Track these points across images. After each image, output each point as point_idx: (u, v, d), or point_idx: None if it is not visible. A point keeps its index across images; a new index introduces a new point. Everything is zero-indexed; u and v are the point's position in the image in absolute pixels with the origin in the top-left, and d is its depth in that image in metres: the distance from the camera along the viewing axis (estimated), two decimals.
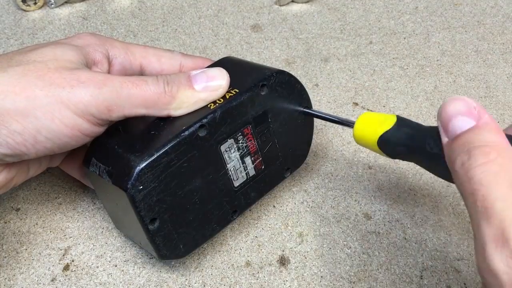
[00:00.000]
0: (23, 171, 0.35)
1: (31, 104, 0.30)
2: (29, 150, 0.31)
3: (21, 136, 0.30)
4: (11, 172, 0.33)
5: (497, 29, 0.59)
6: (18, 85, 0.30)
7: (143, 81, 0.32)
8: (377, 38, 0.58)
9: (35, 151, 0.31)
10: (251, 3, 0.62)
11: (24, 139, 0.30)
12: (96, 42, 0.35)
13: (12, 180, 0.34)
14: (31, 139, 0.30)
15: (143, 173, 0.30)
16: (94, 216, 0.40)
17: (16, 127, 0.30)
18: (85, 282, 0.36)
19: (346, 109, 0.49)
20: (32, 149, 0.31)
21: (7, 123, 0.30)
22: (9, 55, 0.32)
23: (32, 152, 0.31)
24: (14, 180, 0.34)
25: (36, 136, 0.30)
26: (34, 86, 0.30)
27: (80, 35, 0.36)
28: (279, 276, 0.37)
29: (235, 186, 0.35)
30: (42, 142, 0.31)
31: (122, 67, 0.37)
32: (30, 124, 0.30)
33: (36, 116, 0.30)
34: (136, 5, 0.61)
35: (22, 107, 0.30)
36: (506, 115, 0.49)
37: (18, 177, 0.34)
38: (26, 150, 0.31)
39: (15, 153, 0.31)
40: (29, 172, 0.36)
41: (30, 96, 0.30)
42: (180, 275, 0.37)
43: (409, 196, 0.42)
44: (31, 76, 0.30)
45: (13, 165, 0.33)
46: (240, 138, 0.35)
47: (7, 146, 0.30)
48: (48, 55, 0.32)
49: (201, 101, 0.33)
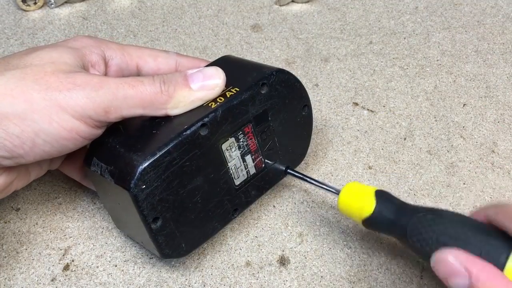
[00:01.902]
0: (24, 175, 0.35)
1: (29, 107, 0.30)
2: (27, 154, 0.31)
3: (19, 139, 0.30)
4: (11, 175, 0.33)
5: (497, 29, 0.59)
6: (15, 89, 0.30)
7: (139, 81, 0.32)
8: (377, 38, 0.58)
9: (33, 155, 0.31)
10: (251, 3, 0.62)
11: (22, 142, 0.30)
12: (92, 44, 0.36)
13: (12, 184, 0.34)
14: (29, 142, 0.30)
15: (145, 172, 0.30)
16: (94, 216, 0.40)
17: (14, 130, 0.30)
18: (85, 282, 0.36)
19: (346, 109, 0.49)
20: (30, 152, 0.31)
21: (5, 126, 0.30)
22: (6, 59, 0.32)
23: (30, 156, 0.31)
24: (14, 184, 0.34)
25: (34, 139, 0.30)
26: (32, 89, 0.30)
27: (76, 37, 0.36)
28: (279, 276, 0.37)
29: (236, 185, 0.36)
30: (40, 145, 0.31)
31: (118, 68, 0.37)
32: (28, 127, 0.30)
33: (34, 119, 0.30)
34: (136, 5, 0.61)
35: (20, 110, 0.30)
36: (506, 115, 0.49)
37: (19, 181, 0.35)
38: (24, 153, 0.31)
39: (12, 155, 0.31)
40: (30, 176, 0.36)
41: (28, 99, 0.30)
42: (180, 275, 0.37)
43: (409, 196, 0.42)
44: (28, 80, 0.30)
45: (12, 169, 0.33)
46: (241, 137, 0.35)
47: (4, 149, 0.30)
48: (44, 58, 0.32)
49: (198, 100, 0.33)
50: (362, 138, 0.47)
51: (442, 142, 0.46)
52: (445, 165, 0.44)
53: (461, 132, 0.47)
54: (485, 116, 0.49)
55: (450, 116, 0.49)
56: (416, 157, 0.45)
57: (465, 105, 0.50)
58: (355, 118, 0.48)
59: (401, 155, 0.45)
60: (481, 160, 0.45)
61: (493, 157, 0.45)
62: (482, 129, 0.48)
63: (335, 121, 0.48)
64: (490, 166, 0.44)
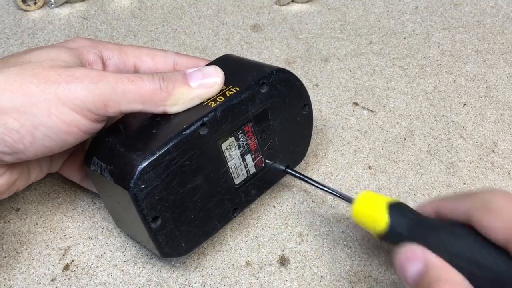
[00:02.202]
0: (25, 175, 0.35)
1: (27, 101, 0.30)
2: (27, 148, 0.31)
3: (18, 133, 0.30)
4: (13, 175, 0.34)
5: (497, 29, 0.59)
6: (14, 83, 0.30)
7: (139, 77, 0.32)
8: (377, 38, 0.58)
9: (33, 150, 0.31)
10: (251, 3, 0.62)
11: (22, 137, 0.30)
12: (89, 44, 0.36)
13: (15, 184, 0.34)
14: (28, 136, 0.30)
15: (145, 171, 0.30)
16: (94, 216, 0.40)
17: (13, 124, 0.30)
18: (85, 282, 0.36)
19: (346, 109, 0.49)
20: (30, 148, 0.31)
21: (4, 120, 0.30)
22: (5, 59, 0.33)
23: (31, 151, 0.31)
24: (16, 184, 0.34)
25: (33, 133, 0.30)
26: (30, 83, 0.30)
27: (74, 39, 0.37)
28: (279, 276, 0.37)
29: (235, 184, 0.36)
30: (40, 139, 0.31)
31: (116, 67, 0.37)
32: (27, 121, 0.30)
33: (32, 112, 0.30)
34: (136, 5, 0.61)
35: (18, 104, 0.30)
36: (506, 115, 0.49)
37: (20, 181, 0.35)
38: (24, 149, 0.31)
39: (13, 151, 0.31)
40: (31, 177, 0.36)
41: (26, 93, 0.30)
42: (180, 275, 0.37)
43: (409, 196, 0.42)
44: (26, 75, 0.30)
45: (14, 167, 0.33)
46: (240, 136, 0.35)
47: (4, 144, 0.30)
48: (43, 56, 0.32)
49: (196, 98, 0.34)
50: (362, 138, 0.47)
51: (442, 142, 0.46)
52: (445, 165, 0.44)
53: (461, 132, 0.47)
54: (485, 116, 0.49)
55: (450, 116, 0.49)
56: (416, 157, 0.45)
57: (465, 105, 0.50)
58: (355, 118, 0.48)
59: (401, 155, 0.45)
60: (481, 160, 0.45)
61: (493, 157, 0.45)
62: (482, 129, 0.48)
63: (335, 121, 0.48)
64: (490, 166, 0.44)
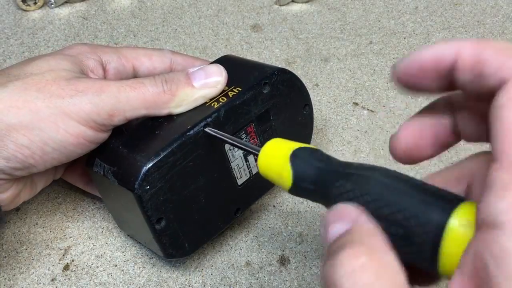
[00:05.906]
0: (30, 186, 0.35)
1: (34, 117, 0.30)
2: (38, 162, 0.31)
3: (28, 149, 0.30)
4: (19, 186, 0.34)
5: (497, 29, 0.60)
6: (19, 100, 0.30)
7: (141, 83, 0.32)
8: (377, 38, 0.58)
9: (43, 163, 0.32)
10: (251, 3, 0.62)
11: (32, 152, 0.31)
12: (87, 50, 0.36)
13: (20, 196, 0.34)
14: (39, 151, 0.31)
15: (150, 173, 0.30)
16: (94, 216, 0.40)
17: (23, 141, 0.30)
18: (85, 282, 0.36)
19: (346, 109, 0.49)
20: (40, 161, 0.31)
21: (14, 137, 0.30)
22: (6, 70, 0.33)
23: (41, 164, 0.32)
24: (21, 196, 0.35)
25: (43, 148, 0.31)
26: (36, 99, 0.30)
27: (71, 45, 0.37)
28: (279, 276, 0.37)
29: (238, 184, 0.36)
30: (49, 153, 0.31)
31: (116, 71, 0.37)
32: (36, 136, 0.30)
33: (41, 128, 0.30)
34: (136, 5, 0.61)
35: (26, 120, 0.30)
36: None
37: (25, 192, 0.35)
38: (35, 163, 0.31)
39: (24, 166, 0.31)
40: (37, 187, 0.36)
41: (33, 109, 0.30)
42: (180, 275, 0.37)
43: None
44: (31, 90, 0.31)
45: (19, 179, 0.34)
46: (243, 137, 0.35)
47: (16, 160, 0.31)
48: (43, 67, 0.32)
49: (200, 98, 0.34)
50: (362, 138, 0.47)
51: None
52: (445, 165, 0.44)
53: None
54: None
55: None
56: None
57: None
58: (355, 118, 0.48)
59: None
60: None
61: None
62: None
63: (335, 121, 0.48)
64: None
